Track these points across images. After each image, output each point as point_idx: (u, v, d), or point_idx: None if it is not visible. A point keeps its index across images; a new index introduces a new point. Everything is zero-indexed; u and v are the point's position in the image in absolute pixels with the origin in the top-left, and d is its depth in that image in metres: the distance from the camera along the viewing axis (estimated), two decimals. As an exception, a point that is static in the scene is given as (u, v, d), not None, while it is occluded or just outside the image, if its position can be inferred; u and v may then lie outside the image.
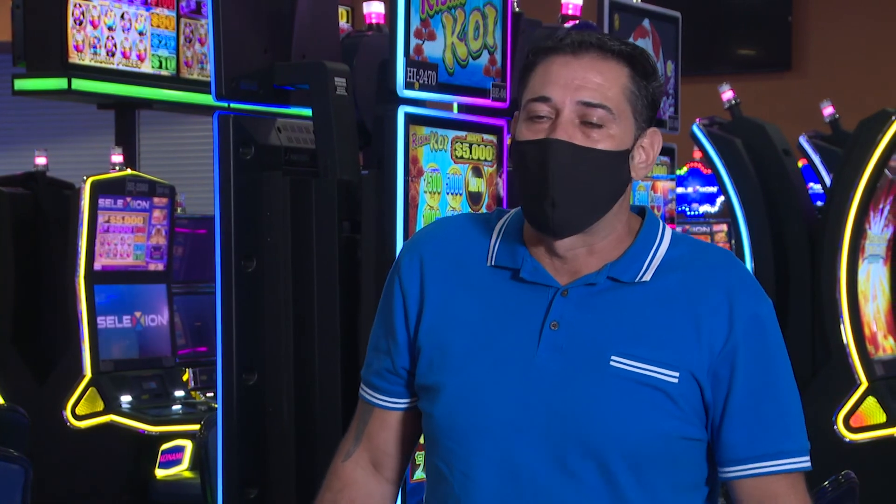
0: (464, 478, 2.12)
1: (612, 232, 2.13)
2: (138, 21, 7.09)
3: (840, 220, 6.24)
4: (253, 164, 3.96)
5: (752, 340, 2.09)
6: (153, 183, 7.05)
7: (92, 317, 6.72)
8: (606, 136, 2.08)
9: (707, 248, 2.19)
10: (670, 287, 2.11)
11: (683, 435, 2.09)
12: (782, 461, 2.13)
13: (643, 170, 2.16)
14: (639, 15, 5.09)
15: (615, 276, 2.11)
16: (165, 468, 6.77)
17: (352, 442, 2.29)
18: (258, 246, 3.98)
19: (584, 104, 2.07)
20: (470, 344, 2.13)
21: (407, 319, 2.20)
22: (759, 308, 2.12)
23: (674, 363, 2.07)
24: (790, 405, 2.14)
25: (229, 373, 3.96)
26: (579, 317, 2.10)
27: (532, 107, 2.10)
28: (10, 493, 4.07)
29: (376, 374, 2.25)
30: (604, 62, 2.10)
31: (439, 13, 3.94)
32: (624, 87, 2.09)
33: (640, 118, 2.12)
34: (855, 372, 6.20)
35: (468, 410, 2.11)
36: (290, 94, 4.12)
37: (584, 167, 2.07)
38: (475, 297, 2.15)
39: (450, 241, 2.21)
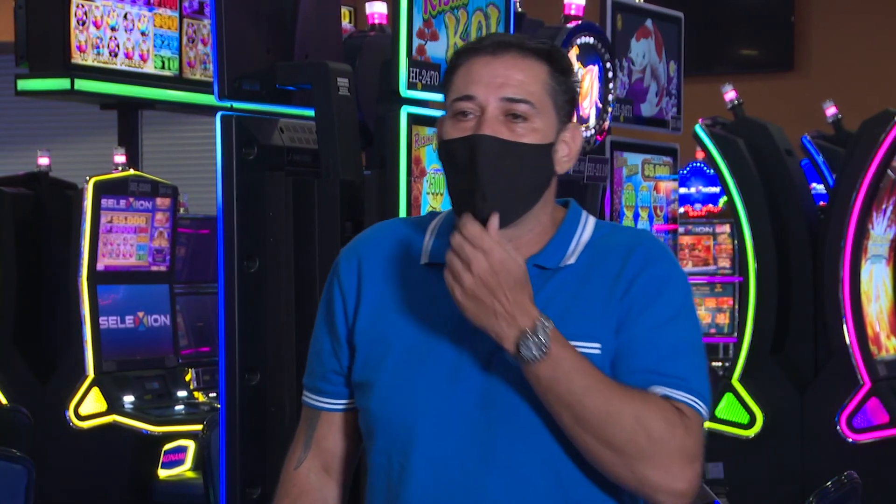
0: (401, 468, 2.18)
1: (537, 225, 2.21)
2: (141, 21, 7.09)
3: (843, 221, 6.24)
4: (255, 164, 3.96)
5: (649, 297, 2.15)
6: (156, 183, 7.06)
7: (95, 317, 6.73)
8: (531, 129, 2.15)
9: (626, 230, 2.30)
10: (588, 267, 2.19)
11: None
12: (665, 388, 2.10)
13: (566, 163, 2.22)
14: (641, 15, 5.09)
15: (540, 263, 2.19)
16: (168, 468, 6.77)
17: (301, 448, 2.35)
18: (261, 246, 3.98)
19: (508, 100, 2.15)
20: (404, 338, 2.19)
21: (347, 319, 2.26)
22: (666, 273, 2.18)
23: (594, 335, 2.14)
24: (680, 356, 2.14)
25: (232, 373, 3.96)
26: None
27: (457, 106, 2.16)
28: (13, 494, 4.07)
29: (321, 379, 2.30)
30: (523, 60, 2.17)
31: (442, 13, 3.94)
32: (545, 83, 2.17)
33: (561, 113, 2.20)
34: (858, 372, 6.20)
35: (402, 402, 2.17)
36: (293, 95, 4.12)
37: (511, 160, 2.14)
38: (409, 293, 2.21)
39: (385, 242, 2.28)
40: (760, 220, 6.42)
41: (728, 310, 10.08)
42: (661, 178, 5.08)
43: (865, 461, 5.84)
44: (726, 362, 9.30)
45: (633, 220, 4.92)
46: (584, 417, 2.07)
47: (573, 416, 2.07)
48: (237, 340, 3.95)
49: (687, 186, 10.23)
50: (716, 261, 10.14)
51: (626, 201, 4.90)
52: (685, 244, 9.95)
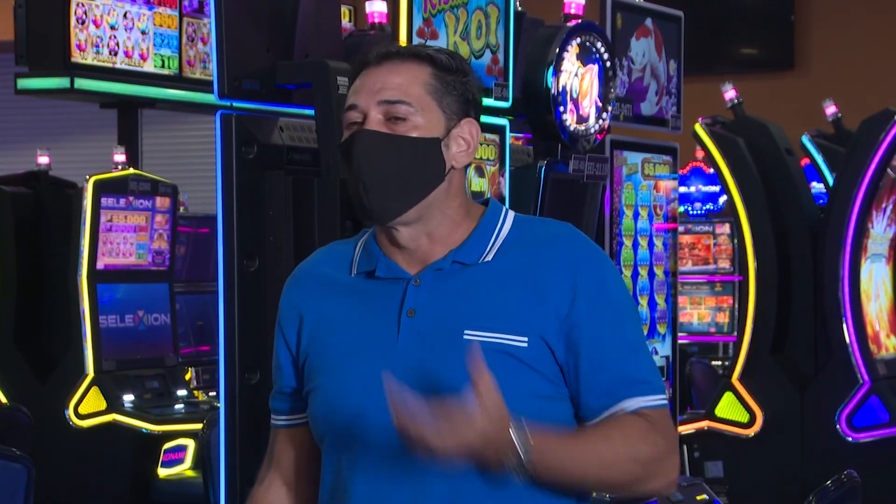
0: (350, 465, 2.27)
1: (446, 218, 2.30)
2: (141, 20, 7.09)
3: (843, 220, 6.24)
4: (255, 163, 3.96)
5: (595, 303, 2.25)
6: (156, 182, 7.06)
7: (94, 316, 6.73)
8: (411, 127, 2.26)
9: (550, 224, 2.36)
10: (514, 263, 2.27)
11: (541, 394, 2.24)
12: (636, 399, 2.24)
13: (464, 157, 2.32)
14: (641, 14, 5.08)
15: (460, 259, 2.28)
16: (168, 467, 6.77)
17: (265, 467, 2.48)
18: (260, 245, 3.98)
19: (386, 102, 2.26)
20: (340, 345, 2.31)
21: (287, 342, 2.39)
22: (601, 272, 2.28)
23: (522, 329, 2.23)
24: (638, 352, 2.28)
25: (232, 372, 3.96)
26: (432, 301, 2.26)
27: (346, 116, 2.30)
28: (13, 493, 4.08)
29: (275, 398, 2.44)
30: (403, 65, 2.29)
31: (442, 12, 3.94)
32: (425, 83, 2.27)
33: (450, 110, 2.29)
34: (858, 371, 6.20)
35: (343, 403, 2.27)
36: (293, 94, 4.12)
37: (389, 153, 2.25)
38: (342, 304, 2.33)
39: (319, 264, 2.41)
40: (760, 219, 6.41)
41: (728, 309, 10.08)
42: (661, 177, 5.08)
43: (865, 460, 5.84)
44: (726, 361, 9.30)
45: (633, 219, 4.92)
46: (584, 482, 2.25)
47: (575, 484, 2.25)
48: (237, 339, 3.94)
49: (687, 185, 10.23)
50: (716, 260, 10.14)
51: (626, 200, 4.90)
52: (685, 243, 9.95)
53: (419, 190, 2.27)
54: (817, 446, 6.26)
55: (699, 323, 10.15)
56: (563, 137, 4.43)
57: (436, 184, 2.28)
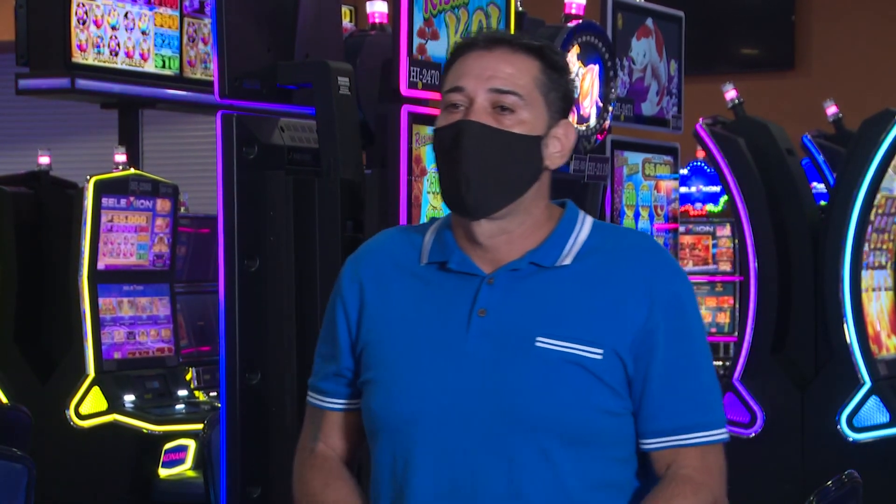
0: (405, 465, 2.20)
1: (528, 218, 2.24)
2: (141, 20, 7.09)
3: (843, 220, 6.23)
4: (256, 163, 3.96)
5: (670, 318, 2.21)
6: (156, 182, 7.06)
7: (95, 316, 6.72)
8: (518, 121, 2.20)
9: (627, 233, 2.35)
10: (591, 270, 2.22)
11: (610, 409, 2.19)
12: (698, 434, 2.22)
13: (559, 159, 2.26)
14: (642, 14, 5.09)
15: (536, 261, 2.22)
16: (168, 467, 6.77)
17: (309, 439, 2.37)
18: (261, 245, 3.98)
19: (496, 91, 2.20)
20: (405, 337, 2.24)
21: (348, 324, 2.31)
22: (678, 288, 2.24)
23: (597, 341, 2.18)
24: (706, 380, 2.25)
25: (232, 372, 3.96)
26: (505, 302, 2.20)
27: (448, 97, 2.23)
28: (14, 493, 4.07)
29: (324, 379, 2.35)
30: (514, 55, 2.22)
31: (442, 12, 3.94)
32: (535, 77, 2.22)
33: (553, 108, 2.24)
34: (858, 371, 6.20)
35: (404, 400, 2.21)
36: (294, 94, 4.12)
37: (495, 148, 2.19)
38: (410, 294, 2.26)
39: (386, 248, 2.33)
40: (761, 220, 6.41)
41: (728, 309, 10.08)
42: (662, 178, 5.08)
43: (866, 460, 5.84)
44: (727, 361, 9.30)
45: (634, 219, 4.92)
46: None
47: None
48: (238, 340, 3.95)
49: (687, 185, 10.22)
50: (716, 260, 10.14)
51: (627, 200, 4.90)
52: (685, 243, 9.94)
53: (517, 188, 2.21)
54: (818, 446, 6.25)
55: (700, 323, 10.13)
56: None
57: (532, 182, 2.23)
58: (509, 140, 2.18)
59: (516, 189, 2.21)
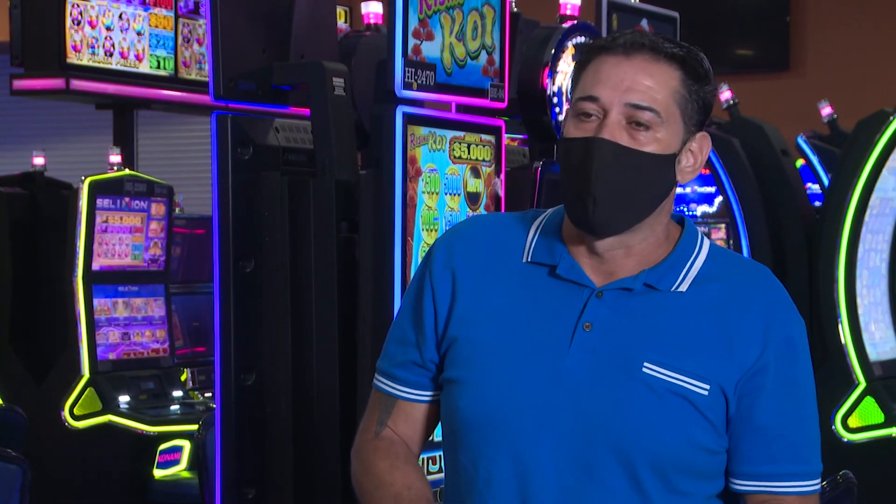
0: (487, 474, 2.11)
1: (651, 235, 2.14)
2: (136, 21, 7.09)
3: (838, 221, 6.24)
4: (251, 164, 3.96)
5: (782, 361, 2.11)
6: (151, 183, 7.05)
7: (90, 317, 6.72)
8: (653, 139, 2.08)
9: (746, 264, 2.21)
10: (706, 299, 2.11)
11: (708, 446, 2.11)
12: (795, 483, 2.16)
13: (690, 174, 2.15)
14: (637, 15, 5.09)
15: (652, 283, 2.12)
16: (163, 468, 6.77)
17: (375, 425, 2.25)
18: (256, 246, 3.98)
19: (633, 106, 2.07)
20: (500, 338, 2.12)
21: (436, 313, 2.18)
22: (793, 330, 2.14)
23: (705, 375, 2.08)
24: (810, 429, 2.20)
25: (227, 373, 3.95)
26: (613, 320, 2.10)
27: (580, 105, 2.09)
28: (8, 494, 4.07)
29: (400, 366, 2.23)
30: (655, 64, 2.09)
31: (437, 13, 3.94)
32: (674, 91, 2.09)
33: (690, 122, 2.12)
34: (853, 372, 6.20)
35: (494, 405, 2.10)
36: (289, 95, 4.12)
37: (627, 168, 2.07)
38: (508, 292, 2.14)
39: (484, 237, 2.20)
40: (756, 220, 6.42)
41: (723, 310, 10.07)
42: (657, 178, 5.09)
43: (861, 461, 5.84)
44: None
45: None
46: None
47: None
48: (233, 340, 3.94)
49: (682, 186, 10.23)
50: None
51: (622, 201, 4.90)
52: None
53: (645, 208, 2.10)
54: (813, 447, 6.25)
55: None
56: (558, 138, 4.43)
57: (661, 201, 2.12)
58: (643, 161, 2.07)
59: (645, 209, 2.10)
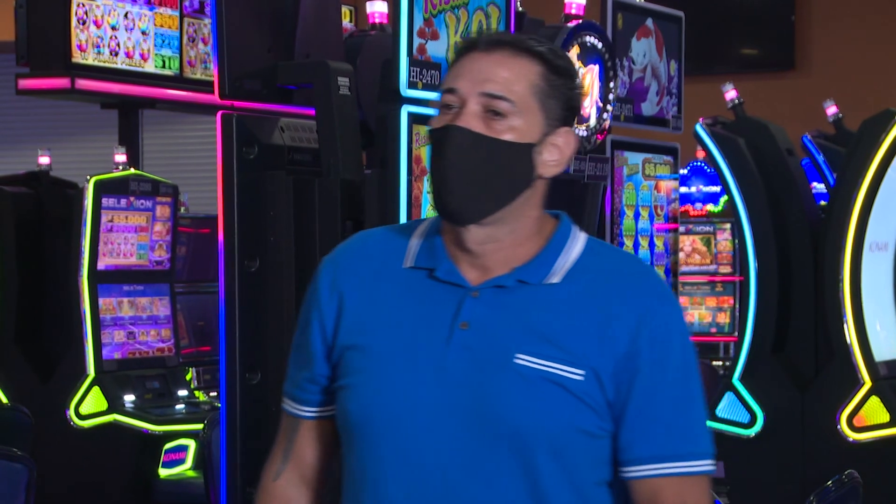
0: (377, 475, 2.17)
1: (519, 228, 2.19)
2: (141, 20, 7.09)
3: (843, 220, 6.23)
4: (256, 163, 3.96)
5: (656, 345, 2.15)
6: (156, 182, 7.06)
7: (95, 316, 6.73)
8: (508, 127, 2.15)
9: (621, 255, 2.29)
10: (580, 290, 2.17)
11: (589, 430, 2.15)
12: (679, 464, 2.17)
13: (554, 168, 2.21)
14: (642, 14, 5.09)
15: (524, 278, 2.17)
16: (168, 467, 6.77)
17: (280, 459, 2.34)
18: (261, 245, 3.99)
19: (488, 95, 2.15)
20: (385, 343, 2.19)
21: (324, 329, 2.25)
22: (668, 315, 2.18)
23: (578, 362, 2.13)
24: (692, 410, 2.20)
25: (232, 372, 3.96)
26: (489, 317, 2.16)
27: (442, 98, 2.19)
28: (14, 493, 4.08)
29: (300, 387, 2.31)
30: (514, 59, 2.17)
31: (442, 12, 3.94)
32: (532, 84, 2.16)
33: (552, 116, 2.18)
34: (858, 372, 6.19)
35: (380, 407, 2.17)
36: (294, 94, 4.12)
37: (482, 155, 2.14)
38: (392, 298, 2.21)
39: (367, 249, 2.27)
40: (761, 220, 6.41)
41: (728, 309, 10.08)
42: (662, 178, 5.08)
43: (866, 460, 5.84)
44: (727, 362, 9.30)
45: (634, 219, 4.92)
46: None
47: None
48: (238, 340, 3.95)
49: (687, 186, 10.23)
50: (716, 260, 10.14)
51: (627, 200, 4.90)
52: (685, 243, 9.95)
53: (503, 195, 2.16)
54: (818, 447, 6.25)
55: (700, 323, 10.15)
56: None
57: (521, 190, 2.17)
58: (497, 147, 2.14)
59: (503, 197, 2.16)
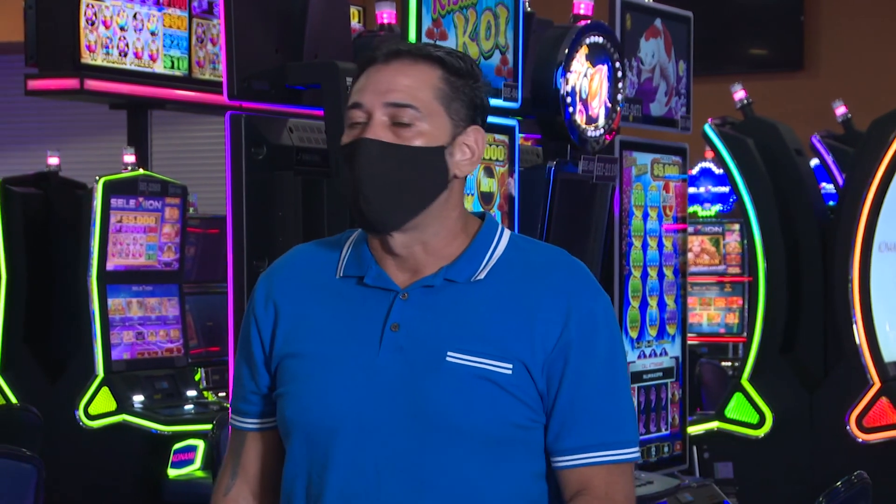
0: (317, 479, 2.20)
1: (443, 229, 2.23)
2: (150, 21, 7.10)
3: (852, 220, 6.22)
4: (265, 163, 3.96)
5: (584, 335, 2.19)
6: (165, 183, 7.07)
7: (104, 316, 6.74)
8: (416, 133, 2.18)
9: (545, 248, 2.30)
10: (506, 285, 2.20)
11: (518, 423, 2.17)
12: (605, 453, 2.20)
13: (468, 166, 2.24)
14: (650, 15, 5.08)
15: (451, 276, 2.21)
16: (177, 468, 6.78)
17: (229, 475, 2.37)
18: (270, 246, 3.99)
19: (393, 105, 2.18)
20: (319, 351, 2.22)
21: (262, 341, 2.29)
22: (595, 305, 2.22)
23: (506, 356, 2.16)
24: (618, 399, 2.22)
25: (241, 373, 3.96)
26: (418, 317, 2.19)
27: (349, 114, 2.21)
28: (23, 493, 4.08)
29: (242, 400, 2.34)
30: (413, 66, 2.20)
31: (451, 13, 3.94)
32: (434, 88, 2.19)
33: (458, 117, 2.21)
34: (868, 372, 6.19)
35: (317, 412, 2.20)
36: (302, 94, 4.12)
37: (393, 163, 2.17)
38: (325, 307, 2.24)
39: (300, 263, 2.31)
40: (770, 220, 6.41)
41: (737, 309, 10.08)
42: (671, 178, 5.08)
43: (875, 461, 5.83)
44: (736, 362, 9.30)
45: (643, 219, 4.92)
46: None
47: None
48: (246, 340, 3.94)
49: (696, 186, 10.22)
50: (725, 260, 10.14)
51: (636, 201, 4.90)
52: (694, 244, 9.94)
53: (420, 200, 2.19)
54: (827, 447, 6.25)
55: (709, 324, 10.15)
56: (572, 138, 4.43)
57: (437, 193, 2.21)
58: (408, 154, 2.17)
59: (420, 201, 2.19)
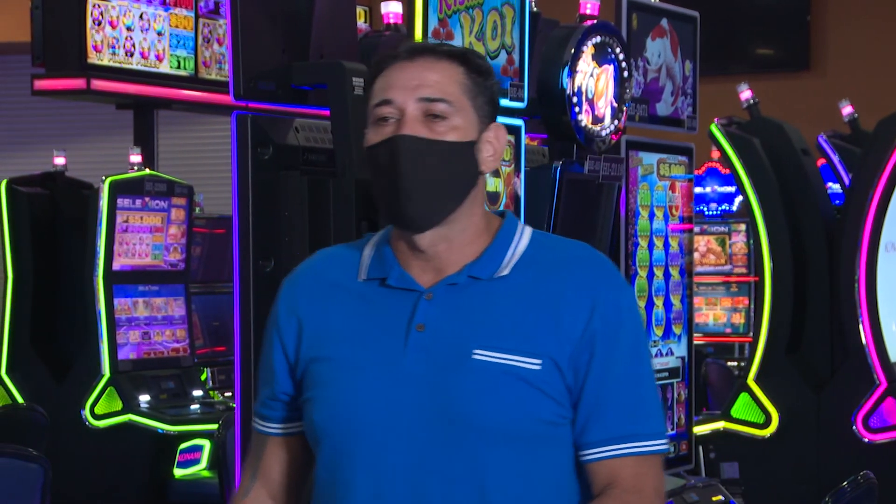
0: (345, 483, 2.20)
1: (469, 226, 2.24)
2: (157, 21, 7.11)
3: (859, 220, 6.22)
4: (271, 163, 3.96)
5: (609, 328, 2.19)
6: (171, 183, 7.07)
7: (110, 316, 6.74)
8: (451, 127, 2.20)
9: (568, 243, 2.31)
10: (531, 280, 2.21)
11: (546, 419, 2.17)
12: (633, 444, 2.20)
13: (492, 162, 2.27)
14: (657, 14, 5.08)
15: (475, 273, 2.22)
16: (183, 468, 6.78)
17: (249, 478, 2.37)
18: (276, 246, 3.99)
19: (426, 100, 2.19)
20: (345, 354, 2.22)
21: (283, 347, 2.29)
22: (619, 297, 2.23)
23: (535, 351, 2.17)
24: (644, 390, 2.23)
25: (247, 372, 3.96)
26: (443, 316, 2.20)
27: (377, 111, 2.21)
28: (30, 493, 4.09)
29: (264, 405, 2.35)
30: (438, 62, 2.22)
31: (457, 13, 3.94)
32: (461, 83, 2.22)
33: (482, 113, 2.24)
34: (874, 372, 6.19)
35: (344, 416, 2.20)
36: (308, 94, 4.12)
37: (433, 158, 2.19)
38: (349, 311, 2.25)
39: (322, 267, 2.32)
40: (776, 220, 6.40)
41: (743, 309, 10.07)
42: (677, 178, 5.08)
43: (881, 461, 5.83)
44: (742, 362, 9.29)
45: (649, 219, 4.91)
46: None
47: None
48: (252, 340, 3.95)
49: (702, 186, 10.22)
50: (731, 260, 10.13)
51: (642, 201, 4.89)
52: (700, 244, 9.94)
53: (457, 196, 2.21)
54: (833, 447, 6.24)
55: (715, 323, 10.14)
56: (578, 138, 4.43)
57: (469, 189, 2.23)
58: (445, 149, 2.19)
59: (456, 197, 2.21)
